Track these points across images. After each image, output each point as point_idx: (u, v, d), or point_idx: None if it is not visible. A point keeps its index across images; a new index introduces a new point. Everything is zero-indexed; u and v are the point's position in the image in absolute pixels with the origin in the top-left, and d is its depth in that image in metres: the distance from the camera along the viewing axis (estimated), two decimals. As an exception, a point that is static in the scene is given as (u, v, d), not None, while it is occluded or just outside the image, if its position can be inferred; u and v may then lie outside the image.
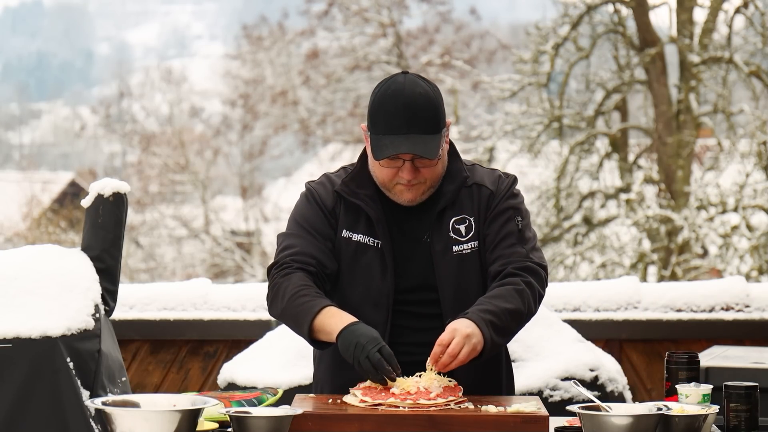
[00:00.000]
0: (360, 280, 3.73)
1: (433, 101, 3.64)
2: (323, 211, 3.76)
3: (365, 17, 23.67)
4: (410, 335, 3.70)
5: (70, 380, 4.30)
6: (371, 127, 3.65)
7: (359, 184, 3.75)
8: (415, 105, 3.61)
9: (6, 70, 62.25)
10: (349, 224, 3.74)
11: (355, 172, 3.78)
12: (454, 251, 3.71)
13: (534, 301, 3.68)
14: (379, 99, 3.64)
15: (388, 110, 3.61)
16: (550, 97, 15.46)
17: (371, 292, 3.71)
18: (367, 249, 3.72)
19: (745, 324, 6.31)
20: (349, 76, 23.98)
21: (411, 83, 3.64)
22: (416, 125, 3.61)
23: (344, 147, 24.81)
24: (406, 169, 3.64)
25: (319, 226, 3.75)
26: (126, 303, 6.42)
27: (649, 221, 14.47)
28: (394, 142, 3.60)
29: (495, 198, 3.76)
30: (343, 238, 3.74)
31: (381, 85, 3.67)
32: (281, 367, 5.52)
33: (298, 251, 3.73)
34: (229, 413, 3.18)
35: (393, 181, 3.67)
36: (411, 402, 3.38)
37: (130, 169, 28.67)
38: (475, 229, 3.73)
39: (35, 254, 4.62)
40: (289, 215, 3.87)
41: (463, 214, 3.74)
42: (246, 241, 25.73)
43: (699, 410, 3.27)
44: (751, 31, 15.24)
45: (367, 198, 3.73)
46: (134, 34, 66.88)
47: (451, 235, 3.72)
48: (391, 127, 3.61)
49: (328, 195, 3.78)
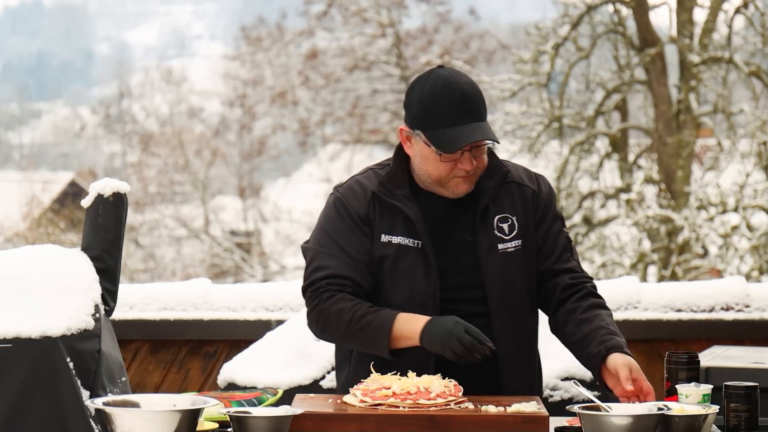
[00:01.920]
0: (403, 282, 3.69)
1: (479, 89, 3.67)
2: (356, 222, 3.71)
3: (364, 17, 23.68)
4: None
5: (70, 380, 4.30)
6: (426, 124, 3.62)
7: (396, 185, 3.71)
8: (469, 94, 3.61)
9: (6, 70, 62.23)
10: (386, 228, 3.70)
11: (392, 172, 3.73)
12: (500, 249, 3.71)
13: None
14: (430, 94, 3.61)
15: (445, 103, 3.59)
16: (550, 97, 15.46)
17: (416, 294, 3.68)
18: (408, 250, 3.69)
19: (745, 324, 6.30)
20: (349, 77, 23.99)
21: (456, 74, 3.64)
22: (474, 113, 3.61)
23: (343, 147, 24.81)
24: (466, 160, 3.62)
25: (352, 240, 3.70)
26: (126, 303, 6.42)
27: (649, 221, 14.47)
28: (462, 132, 3.58)
29: (540, 199, 3.79)
30: (382, 242, 3.70)
31: (424, 82, 3.64)
32: (281, 367, 5.51)
33: (332, 273, 3.67)
34: (229, 413, 3.17)
35: (450, 174, 3.64)
36: (411, 402, 3.38)
37: (129, 170, 28.67)
38: (518, 228, 3.74)
39: (35, 254, 4.61)
40: (317, 224, 3.79)
41: (505, 213, 3.74)
42: (245, 241, 25.73)
43: (699, 410, 3.27)
44: (751, 31, 15.24)
45: (404, 198, 3.69)
46: (134, 34, 66.87)
47: (496, 233, 3.72)
48: (452, 118, 3.59)
49: (359, 201, 3.73)
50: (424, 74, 3.69)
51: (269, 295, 6.48)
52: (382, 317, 3.59)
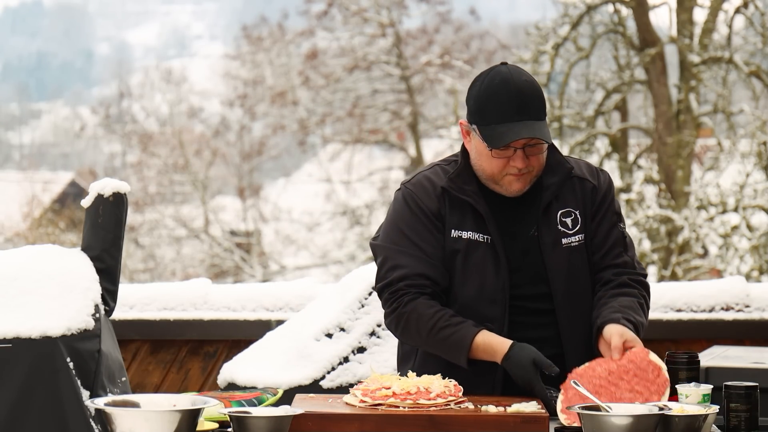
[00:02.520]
0: (473, 277, 3.70)
1: (539, 88, 3.68)
2: (428, 217, 3.72)
3: (364, 17, 23.67)
4: (526, 331, 3.69)
5: (70, 380, 4.30)
6: (480, 119, 3.64)
7: (465, 180, 3.73)
8: (525, 92, 3.63)
9: (6, 70, 62.21)
10: (456, 223, 3.72)
11: (461, 167, 3.74)
12: (563, 243, 3.72)
13: (646, 318, 3.75)
14: (487, 90, 3.64)
15: (499, 99, 3.62)
16: (550, 97, 15.45)
17: (486, 289, 3.69)
18: (478, 245, 3.70)
19: (745, 324, 6.30)
20: (349, 77, 23.98)
21: (516, 72, 3.66)
22: (528, 111, 3.62)
23: (343, 147, 24.81)
24: (518, 158, 3.63)
25: (426, 236, 3.71)
26: (126, 303, 6.42)
27: (649, 221, 14.47)
28: (512, 129, 3.60)
29: (598, 193, 3.78)
30: (453, 237, 3.71)
31: (483, 78, 3.68)
32: (281, 367, 5.51)
33: (409, 273, 3.69)
34: (229, 413, 3.17)
35: (503, 171, 3.66)
36: (411, 402, 3.38)
37: (129, 170, 28.66)
38: (581, 222, 3.75)
39: (35, 254, 4.62)
40: (387, 220, 3.80)
41: (568, 207, 3.75)
42: (245, 241, 25.73)
43: (699, 410, 3.27)
44: (751, 31, 15.24)
45: (473, 194, 3.71)
46: (134, 34, 66.83)
47: (560, 228, 3.73)
48: (505, 115, 3.61)
49: (429, 196, 3.74)
50: (486, 70, 3.73)
51: (269, 295, 6.49)
52: (462, 333, 3.62)
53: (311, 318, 5.64)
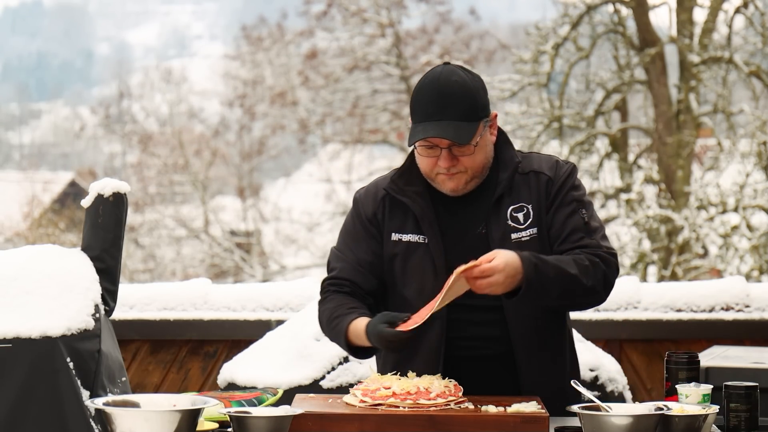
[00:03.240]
0: (414, 279, 3.73)
1: (470, 89, 3.65)
2: (364, 224, 3.79)
3: (364, 17, 23.67)
4: (469, 329, 3.69)
5: (70, 380, 4.30)
6: (411, 117, 3.69)
7: (407, 181, 3.75)
8: (448, 92, 3.62)
9: (6, 70, 62.24)
10: (396, 226, 3.76)
11: (404, 168, 3.78)
12: (513, 239, 3.69)
13: (597, 280, 3.61)
14: (417, 89, 3.67)
15: (423, 98, 3.64)
16: (550, 97, 15.46)
17: (425, 290, 3.69)
18: (418, 247, 3.72)
19: (745, 324, 6.30)
20: (348, 77, 23.98)
21: (448, 72, 3.66)
22: (449, 112, 3.61)
23: (343, 147, 24.81)
24: (443, 157, 3.63)
25: (360, 242, 3.79)
26: (126, 303, 6.42)
27: (649, 221, 14.46)
28: (426, 127, 3.61)
29: (554, 185, 3.73)
30: (392, 241, 3.75)
31: (423, 76, 3.71)
32: (281, 367, 5.52)
33: (336, 275, 3.81)
34: (229, 413, 3.18)
35: (434, 170, 3.67)
36: (411, 402, 3.38)
37: (129, 170, 28.67)
38: (533, 216, 3.71)
39: (35, 254, 4.61)
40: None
41: (521, 202, 3.72)
42: (245, 241, 25.73)
43: (699, 410, 3.27)
44: (751, 31, 15.24)
45: (414, 195, 3.73)
46: (134, 34, 66.85)
47: (510, 223, 3.70)
48: (426, 114, 3.62)
49: (369, 202, 3.81)
50: (429, 69, 3.74)
51: (269, 295, 6.49)
52: (344, 321, 3.68)
53: (311, 318, 5.64)
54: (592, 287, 3.61)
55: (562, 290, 3.59)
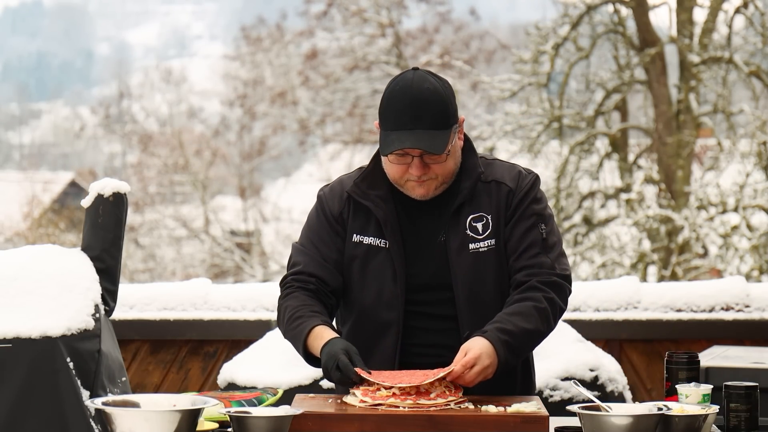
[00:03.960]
0: (372, 282, 3.70)
1: (442, 97, 3.61)
2: (329, 221, 3.75)
3: (364, 17, 23.67)
4: (424, 336, 3.67)
5: (70, 380, 4.30)
6: (381, 123, 3.64)
7: (371, 185, 3.72)
8: (421, 100, 3.58)
9: (6, 70, 62.26)
10: (359, 227, 3.72)
11: (367, 172, 3.75)
12: (470, 249, 3.67)
13: (553, 319, 3.65)
14: (388, 95, 3.62)
15: (395, 106, 3.60)
16: (550, 97, 15.46)
17: (383, 294, 3.68)
18: (378, 251, 3.69)
19: (745, 324, 6.30)
20: (348, 77, 23.98)
21: (419, 79, 3.61)
22: (423, 121, 3.58)
23: (343, 147, 24.82)
24: (415, 165, 3.60)
25: (325, 238, 3.74)
26: (126, 303, 6.42)
27: (649, 221, 14.47)
28: (401, 137, 3.57)
29: (515, 196, 3.70)
30: (354, 242, 3.72)
31: (392, 82, 3.65)
32: (281, 367, 5.52)
33: (300, 270, 3.74)
34: (229, 413, 3.17)
35: (404, 177, 3.64)
36: (411, 402, 3.38)
37: (129, 170, 28.68)
38: (492, 227, 3.69)
39: (35, 254, 4.62)
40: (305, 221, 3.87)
41: (480, 212, 3.69)
42: (245, 241, 25.73)
43: (699, 410, 3.27)
44: (751, 31, 15.24)
45: (377, 199, 3.70)
46: (134, 34, 66.86)
47: (468, 232, 3.68)
48: (399, 122, 3.58)
49: (335, 201, 3.76)
50: (398, 74, 3.70)
51: (269, 295, 6.49)
52: (304, 325, 3.61)
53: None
54: (548, 329, 3.65)
55: (531, 346, 3.66)
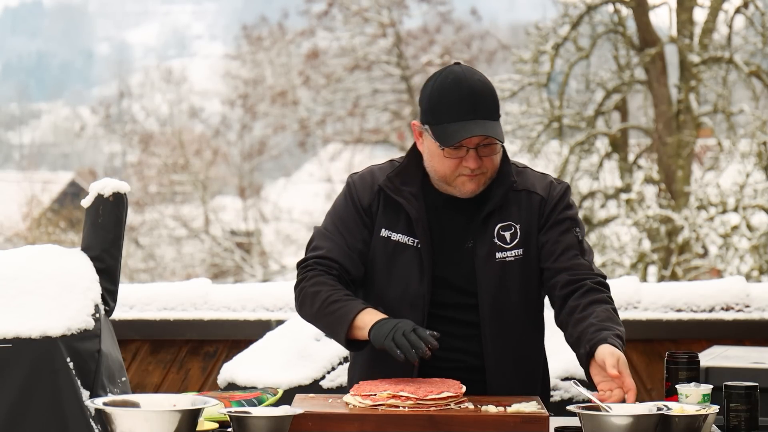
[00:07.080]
0: (397, 280, 3.67)
1: (492, 88, 3.64)
2: (358, 210, 3.70)
3: (365, 17, 23.68)
4: (446, 340, 3.59)
5: (70, 380, 4.30)
6: (433, 118, 3.60)
7: (404, 181, 3.68)
8: (478, 91, 3.59)
9: (6, 70, 62.24)
10: (388, 223, 3.69)
11: (401, 167, 3.71)
12: (497, 258, 3.65)
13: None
14: (439, 89, 3.60)
15: (452, 98, 3.57)
16: (550, 97, 15.46)
17: (408, 294, 3.66)
18: (406, 249, 3.66)
19: (745, 324, 6.30)
20: (349, 76, 23.99)
21: (469, 71, 3.63)
22: (481, 110, 3.57)
23: (344, 147, 24.82)
24: (471, 158, 3.58)
25: (352, 228, 3.69)
26: (126, 303, 6.42)
27: (649, 221, 14.47)
28: (464, 127, 3.55)
29: (547, 205, 3.69)
30: (382, 237, 3.68)
31: (436, 77, 3.63)
32: (281, 367, 5.51)
33: (324, 255, 3.68)
34: (229, 413, 3.17)
35: (456, 172, 3.60)
36: (411, 402, 3.38)
37: (129, 170, 28.68)
38: (521, 236, 3.67)
39: (35, 254, 4.61)
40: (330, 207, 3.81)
41: (509, 221, 3.67)
42: (246, 241, 25.73)
43: (699, 410, 3.27)
44: (751, 31, 15.24)
45: (410, 196, 3.66)
46: (134, 34, 66.83)
47: (496, 241, 3.66)
48: (459, 114, 3.56)
49: (365, 191, 3.71)
50: (439, 70, 3.68)
51: (269, 295, 6.48)
52: (349, 307, 3.56)
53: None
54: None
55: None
